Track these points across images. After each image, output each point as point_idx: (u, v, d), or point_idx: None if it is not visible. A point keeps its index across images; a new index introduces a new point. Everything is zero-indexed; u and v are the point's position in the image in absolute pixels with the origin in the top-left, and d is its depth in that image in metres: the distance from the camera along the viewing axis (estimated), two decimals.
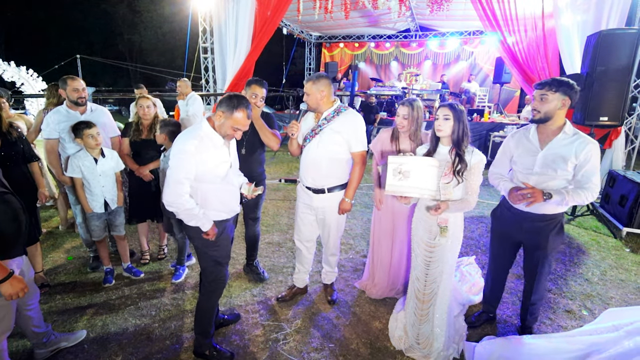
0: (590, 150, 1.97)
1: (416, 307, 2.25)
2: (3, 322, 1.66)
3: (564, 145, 2.03)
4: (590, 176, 1.98)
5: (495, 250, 2.45)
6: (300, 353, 2.27)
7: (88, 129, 2.69)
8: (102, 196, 2.83)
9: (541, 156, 2.07)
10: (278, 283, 3.06)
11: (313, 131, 2.42)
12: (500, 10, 5.61)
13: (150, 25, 22.68)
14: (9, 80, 10.22)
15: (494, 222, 2.43)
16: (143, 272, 3.15)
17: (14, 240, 1.63)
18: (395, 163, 1.97)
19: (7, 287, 1.52)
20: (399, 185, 1.97)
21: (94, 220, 2.87)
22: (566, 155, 2.00)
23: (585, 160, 1.97)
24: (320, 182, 2.46)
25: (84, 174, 2.75)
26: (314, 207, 2.55)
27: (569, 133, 2.04)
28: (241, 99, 1.93)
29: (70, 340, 2.27)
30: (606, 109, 4.24)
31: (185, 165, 1.85)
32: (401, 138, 2.58)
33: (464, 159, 1.98)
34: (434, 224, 2.11)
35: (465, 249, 3.72)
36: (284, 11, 6.79)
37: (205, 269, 2.14)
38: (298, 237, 2.73)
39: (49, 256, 3.45)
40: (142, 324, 2.51)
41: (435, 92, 9.83)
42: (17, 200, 1.65)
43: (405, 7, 8.13)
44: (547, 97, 1.99)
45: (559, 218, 2.13)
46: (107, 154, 2.85)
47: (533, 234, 2.17)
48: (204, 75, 8.24)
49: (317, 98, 2.37)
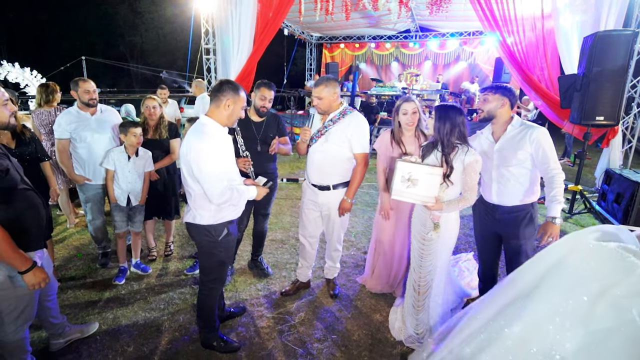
0: (537, 136, 2.15)
1: (414, 298, 2.34)
2: (26, 311, 1.75)
3: (513, 136, 2.24)
4: (549, 161, 2.15)
5: (480, 243, 2.58)
6: (304, 344, 2.36)
7: (134, 128, 2.90)
8: (127, 191, 2.98)
9: (496, 150, 2.29)
10: (282, 278, 3.15)
11: (319, 132, 2.53)
12: (499, 11, 5.68)
13: (152, 27, 22.77)
14: (13, 81, 10.33)
15: (474, 215, 2.57)
16: (151, 269, 3.25)
17: (36, 234, 1.73)
18: (404, 170, 2.01)
19: (31, 277, 1.62)
20: (406, 192, 2.04)
21: (116, 211, 3.02)
22: (517, 144, 2.20)
23: (536, 147, 2.16)
24: (326, 180, 2.56)
25: (116, 167, 2.93)
26: (320, 204, 2.64)
27: (515, 125, 2.26)
28: (232, 81, 2.01)
29: (84, 332, 2.36)
30: (602, 109, 4.32)
31: (215, 161, 1.89)
32: (405, 138, 2.58)
33: (449, 160, 2.04)
34: (427, 219, 2.20)
35: (464, 246, 3.81)
36: (285, 12, 6.87)
37: (207, 269, 2.17)
38: (302, 233, 2.82)
39: (59, 253, 3.54)
40: (152, 317, 2.61)
41: (435, 92, 9.92)
42: (38, 196, 1.75)
43: (405, 8, 8.21)
44: (488, 98, 2.28)
45: (528, 209, 2.28)
46: (141, 154, 3.03)
47: (505, 225, 2.32)
48: (206, 76, 8.33)
49: (331, 100, 2.46)
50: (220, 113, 1.96)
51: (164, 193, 3.31)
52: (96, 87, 3.09)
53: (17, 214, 1.65)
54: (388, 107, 9.91)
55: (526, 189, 2.25)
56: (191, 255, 3.52)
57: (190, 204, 2.07)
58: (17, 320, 1.74)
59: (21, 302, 1.72)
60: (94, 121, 3.05)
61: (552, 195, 2.16)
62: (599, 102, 4.31)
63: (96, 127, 3.05)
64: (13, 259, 1.57)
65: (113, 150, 2.96)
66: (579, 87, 4.44)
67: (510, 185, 2.25)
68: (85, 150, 3.03)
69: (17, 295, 1.69)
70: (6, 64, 10.14)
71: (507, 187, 2.26)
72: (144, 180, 3.06)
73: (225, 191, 1.92)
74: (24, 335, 1.81)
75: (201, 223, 2.03)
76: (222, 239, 2.08)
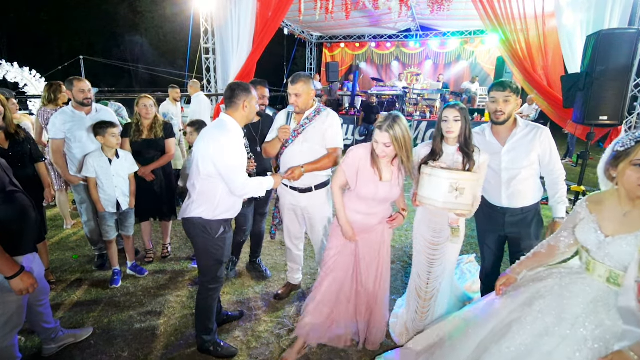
0: (545, 137, 2.11)
1: (417, 305, 2.28)
2: (14, 318, 1.70)
3: (522, 137, 2.15)
4: (556, 163, 2.14)
5: (484, 246, 2.50)
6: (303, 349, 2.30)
7: (112, 128, 2.78)
8: (115, 196, 2.88)
9: (505, 153, 2.17)
10: (280, 281, 3.10)
11: (295, 131, 2.42)
12: (501, 9, 5.62)
13: (152, 26, 22.76)
14: (12, 81, 10.30)
15: (478, 219, 2.47)
16: (147, 271, 3.19)
17: (25, 237, 1.68)
18: (452, 179, 1.88)
19: (18, 282, 1.57)
20: (456, 203, 1.90)
21: (105, 219, 2.91)
22: (528, 146, 2.12)
23: (545, 147, 2.11)
24: (308, 181, 2.46)
25: (97, 173, 2.80)
26: (302, 207, 2.56)
27: (522, 126, 2.16)
28: (241, 83, 2.11)
29: (78, 337, 2.31)
30: (606, 109, 4.26)
31: (237, 154, 1.99)
32: (382, 165, 2.06)
33: (472, 157, 2.01)
34: (438, 223, 2.13)
35: (465, 247, 3.75)
36: (285, 12, 6.81)
37: (205, 268, 2.16)
38: (288, 237, 2.77)
39: (54, 254, 3.49)
40: (148, 321, 2.56)
41: (436, 92, 9.86)
42: (27, 198, 1.70)
43: (406, 7, 8.15)
44: (510, 100, 2.11)
45: (536, 208, 2.25)
46: (122, 155, 2.90)
47: (516, 227, 2.25)
48: (205, 75, 8.28)
49: (309, 98, 2.40)
50: (240, 113, 2.07)
51: (161, 194, 3.25)
52: (96, 86, 3.04)
53: (5, 217, 1.60)
54: (389, 106, 9.86)
55: (533, 190, 2.21)
56: (189, 257, 3.47)
57: (190, 199, 2.08)
58: (5, 327, 1.69)
59: (8, 309, 1.67)
60: (89, 121, 2.99)
61: (558, 196, 2.13)
62: (603, 102, 4.24)
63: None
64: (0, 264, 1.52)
65: (90, 156, 2.79)
66: (582, 86, 4.37)
67: (522, 187, 2.17)
68: (80, 151, 2.98)
69: (4, 301, 1.64)
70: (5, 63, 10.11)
71: (519, 189, 2.17)
72: (130, 183, 2.96)
73: (246, 182, 2.02)
74: (13, 342, 1.75)
75: (198, 216, 2.03)
76: (218, 236, 2.08)
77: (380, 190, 2.05)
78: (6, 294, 1.60)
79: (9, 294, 1.60)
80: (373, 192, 2.05)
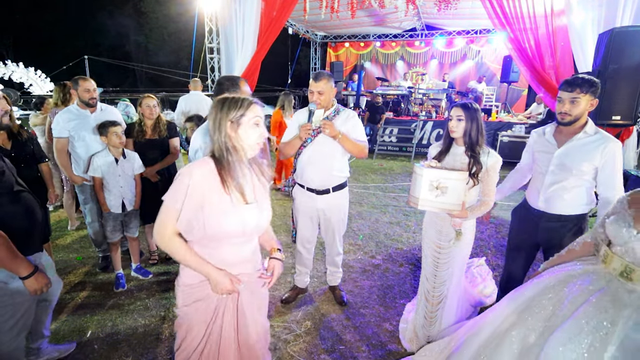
0: (610, 150, 1.88)
1: (426, 310, 2.23)
2: (23, 319, 1.66)
3: (583, 144, 1.95)
4: (614, 181, 1.89)
5: (512, 252, 2.40)
6: (311, 355, 2.24)
7: (113, 127, 2.72)
8: (120, 197, 2.83)
9: (557, 155, 2.02)
10: (287, 284, 3.04)
11: (315, 131, 2.38)
12: (509, 8, 5.54)
13: (156, 26, 22.82)
14: (17, 81, 10.34)
15: (513, 220, 2.38)
16: (152, 273, 3.15)
17: (33, 237, 1.64)
18: (432, 177, 1.83)
19: (32, 282, 1.52)
20: (435, 202, 1.86)
21: (110, 220, 2.86)
22: (585, 156, 1.93)
23: (607, 162, 1.89)
24: (327, 182, 2.43)
25: (103, 173, 2.76)
26: (318, 209, 2.52)
27: (589, 132, 1.94)
28: (230, 77, 2.13)
29: (62, 352, 2.21)
30: (619, 108, 4.17)
31: None
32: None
33: (479, 160, 1.93)
34: (444, 226, 2.08)
35: (475, 250, 3.68)
36: (290, 11, 6.77)
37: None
38: (300, 241, 2.71)
39: (58, 256, 3.46)
40: (152, 325, 2.51)
41: (441, 92, 9.76)
42: (33, 197, 1.66)
43: (412, 6, 8.07)
44: (579, 100, 1.88)
45: (578, 220, 2.03)
46: (128, 155, 2.86)
47: (548, 233, 2.11)
48: (210, 75, 8.26)
49: (331, 96, 2.38)
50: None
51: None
52: (101, 86, 3.01)
53: (13, 217, 1.57)
54: (394, 106, 9.78)
55: (578, 200, 2.01)
56: None
57: None
58: (13, 328, 1.64)
59: (18, 310, 1.63)
60: (93, 120, 2.95)
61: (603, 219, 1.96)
62: (616, 101, 4.15)
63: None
64: (14, 265, 1.48)
65: (97, 156, 2.76)
66: None
67: (561, 193, 2.01)
68: (84, 150, 2.94)
69: (15, 302, 1.60)
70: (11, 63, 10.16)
71: (558, 195, 2.02)
72: (136, 183, 2.91)
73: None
74: (20, 345, 1.71)
75: None
76: None
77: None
78: (15, 296, 1.55)
79: (17, 296, 1.56)
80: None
